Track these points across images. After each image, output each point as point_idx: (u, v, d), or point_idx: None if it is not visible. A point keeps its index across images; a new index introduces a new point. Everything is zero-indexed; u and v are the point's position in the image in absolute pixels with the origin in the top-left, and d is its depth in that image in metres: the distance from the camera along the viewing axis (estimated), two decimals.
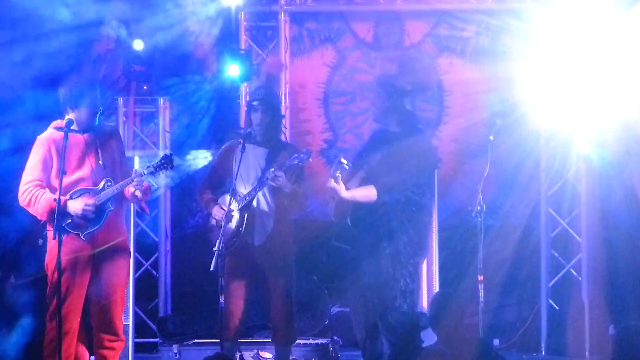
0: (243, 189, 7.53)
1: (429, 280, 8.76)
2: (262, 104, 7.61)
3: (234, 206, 7.50)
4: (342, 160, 7.19)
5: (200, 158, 9.07)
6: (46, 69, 8.15)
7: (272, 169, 7.38)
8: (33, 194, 6.96)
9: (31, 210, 7.03)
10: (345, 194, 7.23)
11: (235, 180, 7.47)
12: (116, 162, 7.17)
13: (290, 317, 7.64)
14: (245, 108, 7.81)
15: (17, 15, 8.46)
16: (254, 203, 7.53)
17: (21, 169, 7.11)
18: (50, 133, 7.10)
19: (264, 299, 7.69)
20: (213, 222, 7.64)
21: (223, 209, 7.48)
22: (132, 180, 7.01)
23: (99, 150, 7.10)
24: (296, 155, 7.42)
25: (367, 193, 7.23)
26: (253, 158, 7.57)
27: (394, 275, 7.20)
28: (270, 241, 7.56)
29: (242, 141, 7.44)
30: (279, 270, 7.60)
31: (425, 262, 8.54)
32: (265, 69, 10.23)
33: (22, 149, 7.34)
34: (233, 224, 7.50)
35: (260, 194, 7.54)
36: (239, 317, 7.57)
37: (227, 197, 7.50)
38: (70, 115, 7.04)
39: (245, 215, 7.50)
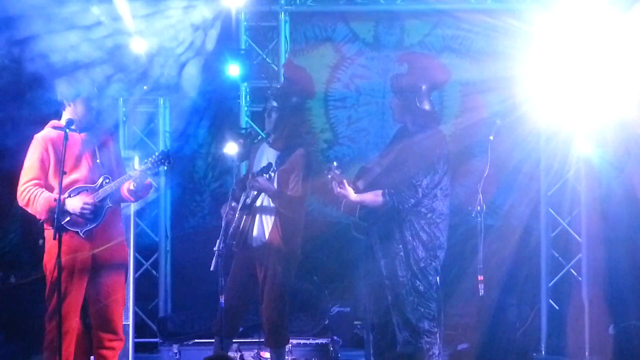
0: None
1: None
2: (274, 111, 7.66)
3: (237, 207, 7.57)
4: (334, 164, 7.27)
5: None
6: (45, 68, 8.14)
7: (255, 173, 7.45)
8: (32, 193, 6.96)
9: (30, 210, 7.02)
10: (353, 197, 7.27)
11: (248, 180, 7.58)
12: (113, 161, 7.18)
13: (280, 322, 7.64)
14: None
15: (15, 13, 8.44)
16: (257, 204, 7.57)
17: (20, 168, 7.11)
18: (47, 132, 7.11)
19: (259, 300, 7.70)
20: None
21: (231, 208, 7.56)
22: (131, 177, 7.01)
23: (97, 149, 7.10)
24: (264, 167, 7.47)
25: (375, 199, 7.26)
26: (266, 159, 7.64)
27: (406, 275, 7.23)
28: (268, 244, 7.56)
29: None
30: (273, 275, 7.59)
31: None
32: (285, 71, 10.20)
33: (21, 149, 7.31)
34: (232, 224, 7.52)
35: (263, 195, 7.58)
36: (236, 318, 7.58)
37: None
38: (66, 111, 7.06)
39: (244, 216, 7.52)
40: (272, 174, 7.46)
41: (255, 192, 7.56)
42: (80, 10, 8.74)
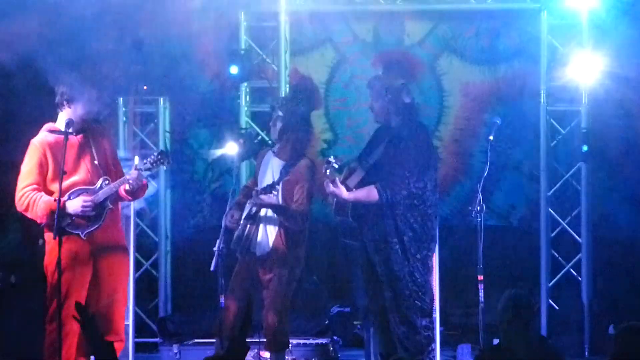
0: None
1: None
2: (279, 120, 7.66)
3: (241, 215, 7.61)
4: (331, 159, 7.25)
5: None
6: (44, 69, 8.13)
7: (258, 190, 7.48)
8: (31, 197, 6.93)
9: (30, 214, 6.98)
10: (346, 195, 7.26)
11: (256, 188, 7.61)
12: (110, 161, 7.16)
13: (281, 327, 7.62)
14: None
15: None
16: (262, 213, 7.57)
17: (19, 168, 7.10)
18: (44, 136, 7.07)
19: (259, 305, 7.71)
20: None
21: (232, 215, 7.56)
22: (130, 178, 6.98)
23: (94, 151, 7.09)
24: (268, 185, 7.48)
25: (369, 194, 7.26)
26: (270, 168, 7.64)
27: (403, 270, 7.24)
28: (271, 253, 7.56)
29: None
30: (277, 282, 7.59)
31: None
32: (290, 78, 10.16)
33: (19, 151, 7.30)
34: (235, 232, 7.55)
35: None
36: (236, 321, 7.58)
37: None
38: (64, 112, 7.03)
39: (248, 225, 7.53)
40: (275, 192, 7.45)
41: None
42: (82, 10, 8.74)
